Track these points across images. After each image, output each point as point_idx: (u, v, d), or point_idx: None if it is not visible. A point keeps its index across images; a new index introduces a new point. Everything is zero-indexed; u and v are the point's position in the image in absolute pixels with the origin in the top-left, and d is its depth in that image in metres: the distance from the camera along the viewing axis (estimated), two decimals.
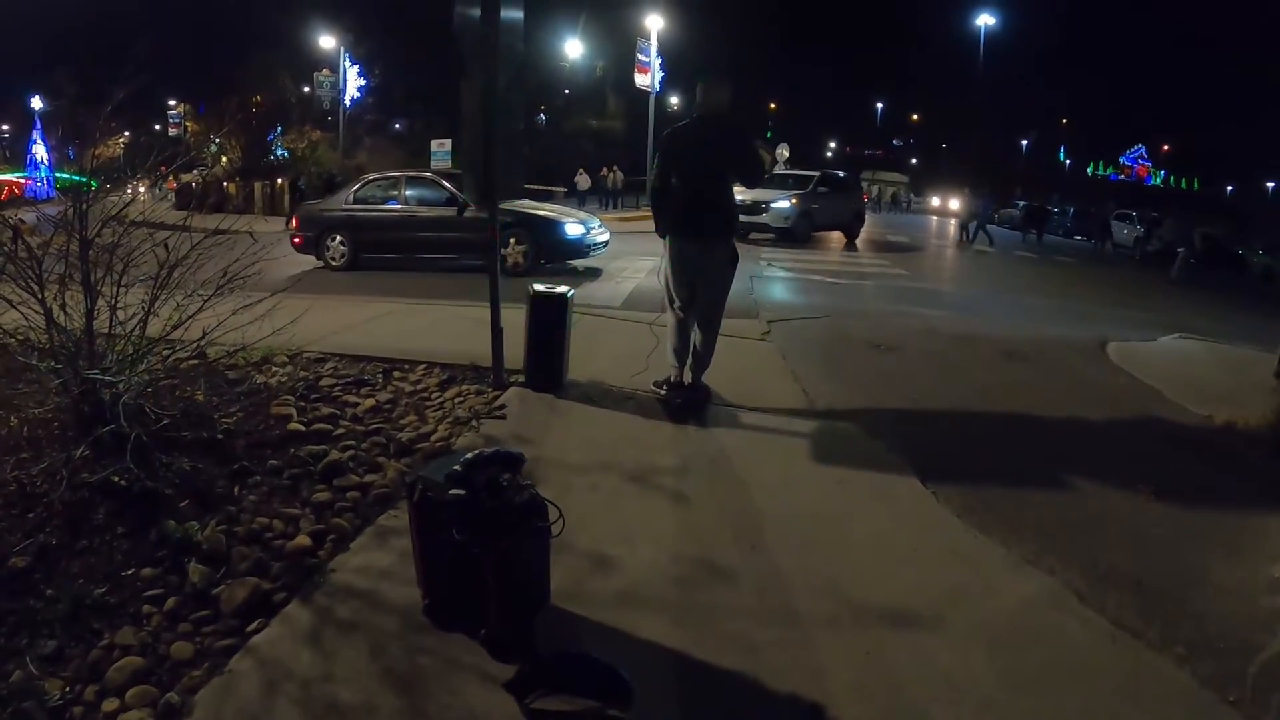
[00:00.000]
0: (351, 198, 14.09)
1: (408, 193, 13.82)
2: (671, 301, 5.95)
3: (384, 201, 13.94)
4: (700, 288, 5.86)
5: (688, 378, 5.98)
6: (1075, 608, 3.44)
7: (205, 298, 4.39)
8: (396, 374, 6.08)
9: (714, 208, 5.79)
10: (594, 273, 13.19)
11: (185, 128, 40.01)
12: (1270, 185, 75.67)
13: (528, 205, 13.67)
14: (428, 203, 13.62)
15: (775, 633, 3.12)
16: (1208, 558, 4.02)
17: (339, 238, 13.72)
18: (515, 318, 5.86)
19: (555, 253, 12.98)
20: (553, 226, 13.02)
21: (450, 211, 13.10)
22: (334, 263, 13.68)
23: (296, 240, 14.01)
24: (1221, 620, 3.44)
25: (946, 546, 3.91)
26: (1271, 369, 6.00)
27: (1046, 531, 4.13)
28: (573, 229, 13.11)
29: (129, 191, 4.79)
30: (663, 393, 5.99)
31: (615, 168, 37.81)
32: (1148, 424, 6.24)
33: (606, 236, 14.00)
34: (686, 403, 5.81)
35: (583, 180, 36.97)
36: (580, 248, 13.27)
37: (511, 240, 12.56)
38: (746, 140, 6.08)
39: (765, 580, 3.51)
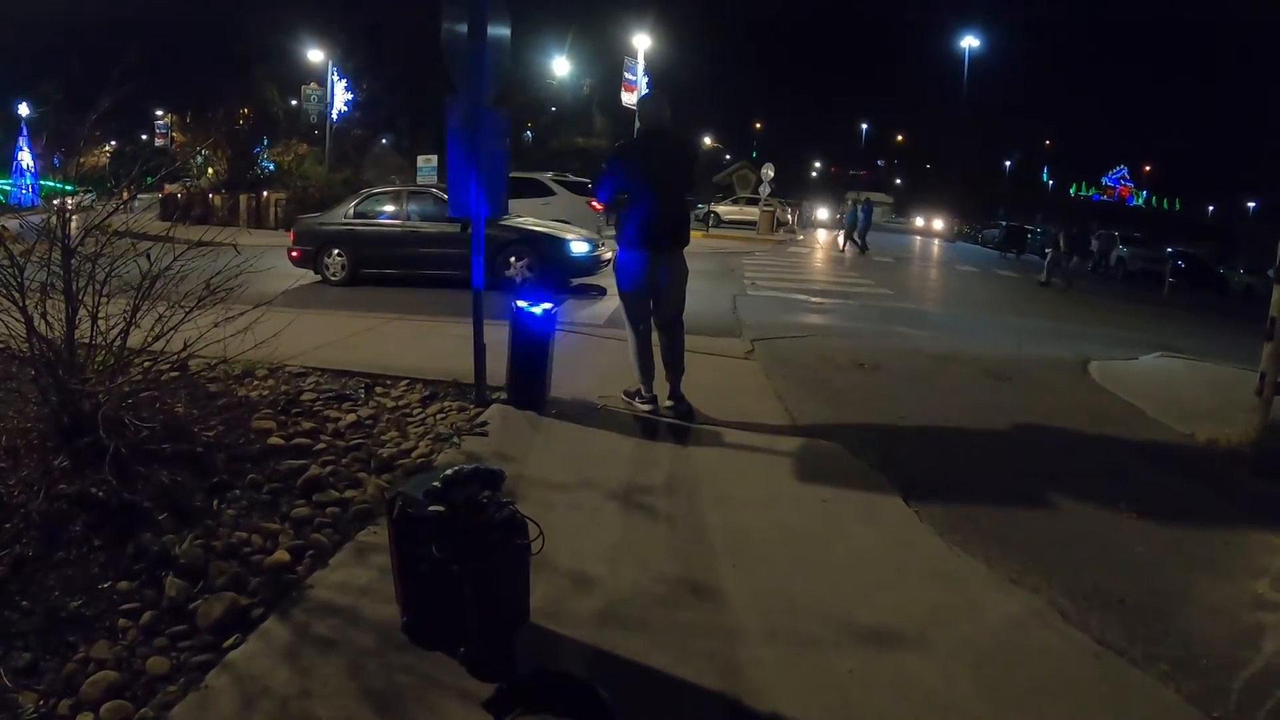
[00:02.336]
0: (351, 211, 13.89)
1: (410, 207, 13.68)
2: (628, 313, 6.04)
3: (385, 216, 13.75)
4: (664, 297, 5.98)
5: (663, 394, 6.06)
6: (1059, 626, 3.44)
7: (187, 310, 4.36)
8: (379, 389, 6.05)
9: (677, 220, 5.91)
10: (583, 290, 13.15)
11: (172, 138, 39.81)
12: (1251, 205, 76.29)
13: (531, 222, 13.55)
14: (430, 218, 13.37)
15: (757, 652, 3.10)
16: (1191, 575, 4.03)
17: (337, 252, 13.56)
18: (499, 334, 5.84)
19: (560, 270, 12.80)
20: (557, 244, 12.87)
21: (453, 227, 12.81)
22: (332, 278, 13.56)
23: (294, 254, 13.84)
24: (1205, 637, 3.44)
25: (929, 565, 3.91)
26: (1253, 387, 6.02)
27: (1030, 550, 4.13)
28: (577, 246, 12.96)
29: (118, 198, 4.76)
30: (635, 403, 6.06)
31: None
32: (1130, 442, 6.26)
33: (610, 254, 13.79)
34: (674, 417, 5.88)
35: None
36: (585, 265, 13.11)
37: (513, 258, 12.47)
38: (697, 158, 6.24)
39: (747, 599, 3.49)
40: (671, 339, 6.07)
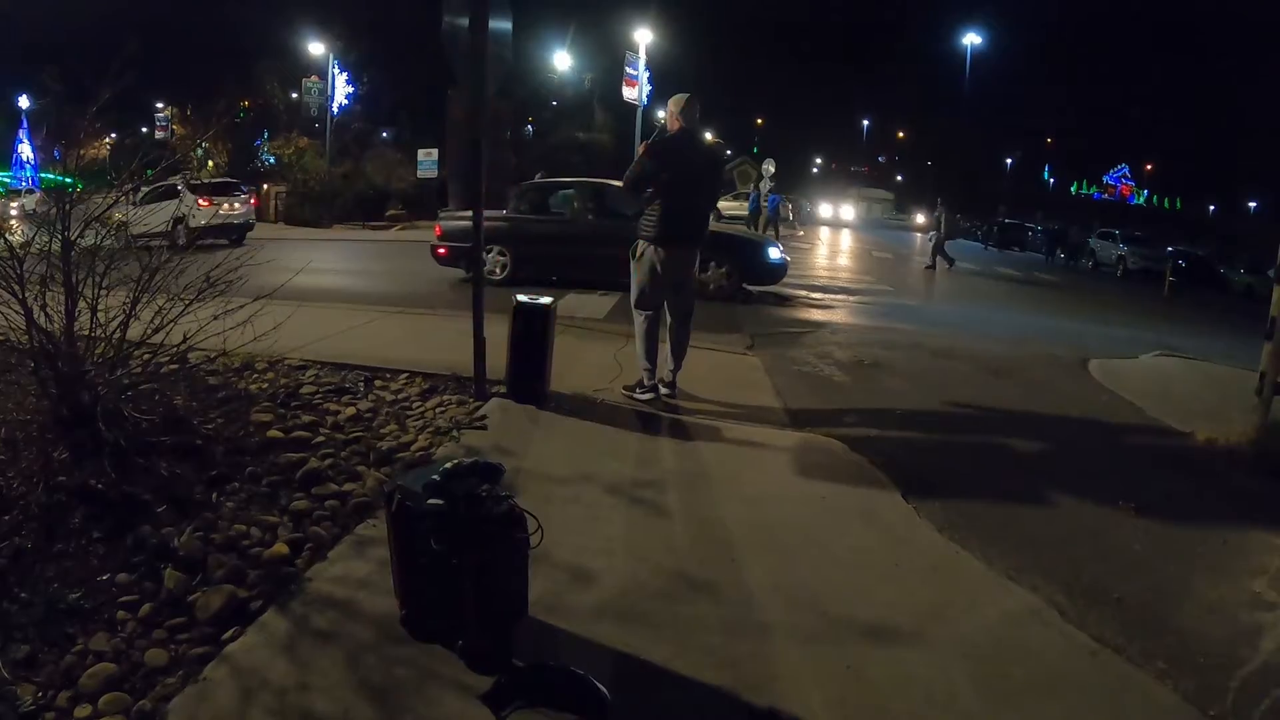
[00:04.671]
0: (513, 206, 13.29)
1: (579, 204, 12.94)
2: (645, 304, 6.14)
3: (553, 210, 13.08)
4: (683, 289, 6.18)
5: (664, 377, 6.20)
6: (1056, 623, 3.45)
7: (187, 302, 4.36)
8: (378, 382, 6.04)
9: (701, 219, 6.14)
10: (580, 284, 13.08)
11: (172, 131, 39.73)
12: (1252, 205, 76.24)
13: (721, 226, 13.09)
14: (605, 215, 12.55)
15: (755, 646, 3.11)
16: (1189, 573, 4.04)
17: (498, 250, 12.74)
18: (499, 329, 5.83)
19: (757, 276, 12.40)
20: (757, 249, 12.51)
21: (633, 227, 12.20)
22: (491, 277, 12.53)
23: (441, 251, 13.13)
24: (1202, 635, 3.45)
25: (928, 561, 3.91)
26: (1252, 387, 6.02)
27: (1028, 547, 4.14)
28: (773, 252, 12.58)
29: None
30: (639, 395, 6.12)
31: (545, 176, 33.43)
32: (1129, 441, 6.27)
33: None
34: (667, 404, 6.05)
35: None
36: (778, 271, 12.60)
37: (711, 263, 11.84)
38: (723, 163, 6.45)
39: (745, 594, 3.49)
40: (682, 331, 6.25)
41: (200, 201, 19.06)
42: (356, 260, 18.00)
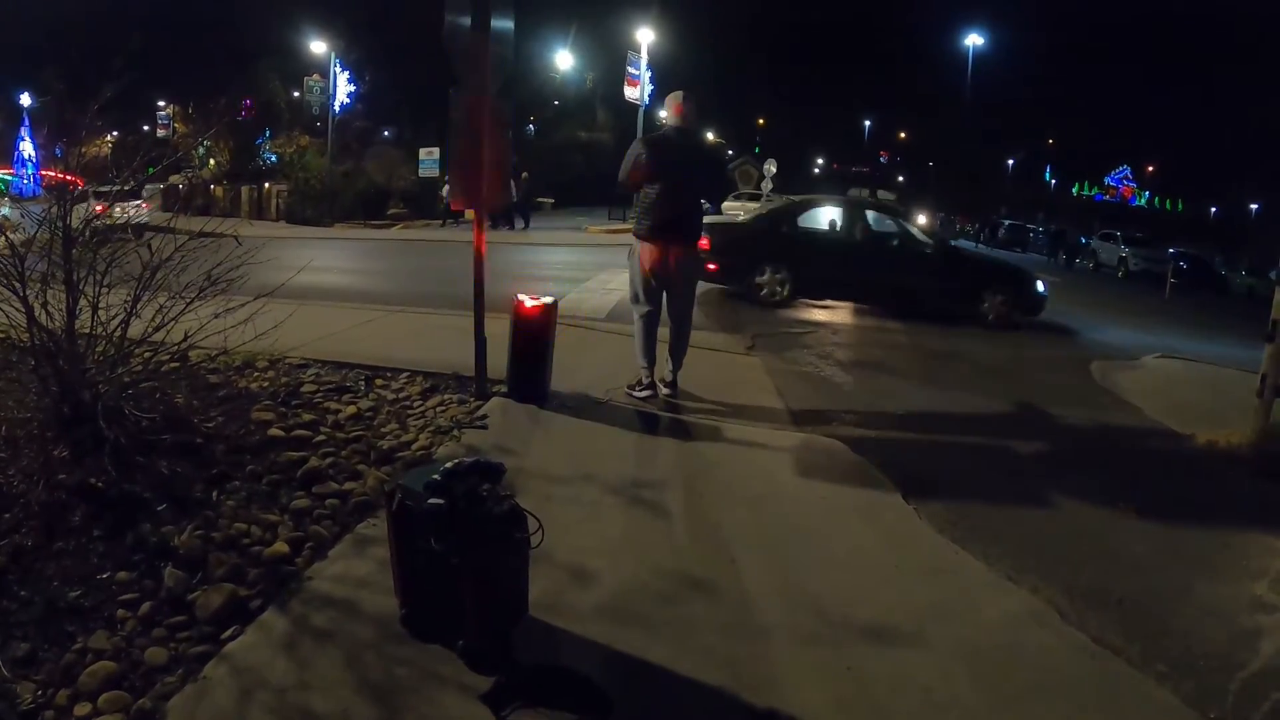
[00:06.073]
0: (792, 222, 12.80)
1: (860, 224, 12.64)
2: (640, 302, 6.17)
3: (831, 230, 12.58)
4: (674, 288, 6.14)
5: (664, 377, 6.22)
6: (1056, 625, 3.45)
7: (188, 300, 4.35)
8: (379, 381, 6.03)
9: (693, 216, 6.08)
10: (577, 283, 13.09)
11: (174, 129, 39.62)
12: (1254, 206, 76.13)
13: (994, 256, 12.99)
14: (888, 238, 12.55)
15: (755, 647, 3.10)
16: (1189, 575, 4.04)
17: (784, 269, 12.04)
18: (500, 328, 5.83)
19: (1030, 307, 12.37)
20: (1031, 281, 12.52)
21: (922, 251, 12.40)
22: (767, 297, 12.04)
23: (711, 266, 11.61)
24: (1203, 638, 3.45)
25: (928, 562, 3.91)
26: (1253, 389, 6.03)
27: (1028, 548, 4.14)
28: (1040, 284, 12.62)
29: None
30: (637, 394, 6.12)
31: (524, 174, 29.59)
32: (1130, 442, 6.27)
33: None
34: (668, 404, 6.04)
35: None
36: (1044, 302, 12.62)
37: (998, 297, 12.01)
38: (723, 162, 6.40)
39: (746, 595, 3.49)
40: (680, 331, 6.24)
41: (96, 206, 19.37)
42: (358, 259, 18.04)
